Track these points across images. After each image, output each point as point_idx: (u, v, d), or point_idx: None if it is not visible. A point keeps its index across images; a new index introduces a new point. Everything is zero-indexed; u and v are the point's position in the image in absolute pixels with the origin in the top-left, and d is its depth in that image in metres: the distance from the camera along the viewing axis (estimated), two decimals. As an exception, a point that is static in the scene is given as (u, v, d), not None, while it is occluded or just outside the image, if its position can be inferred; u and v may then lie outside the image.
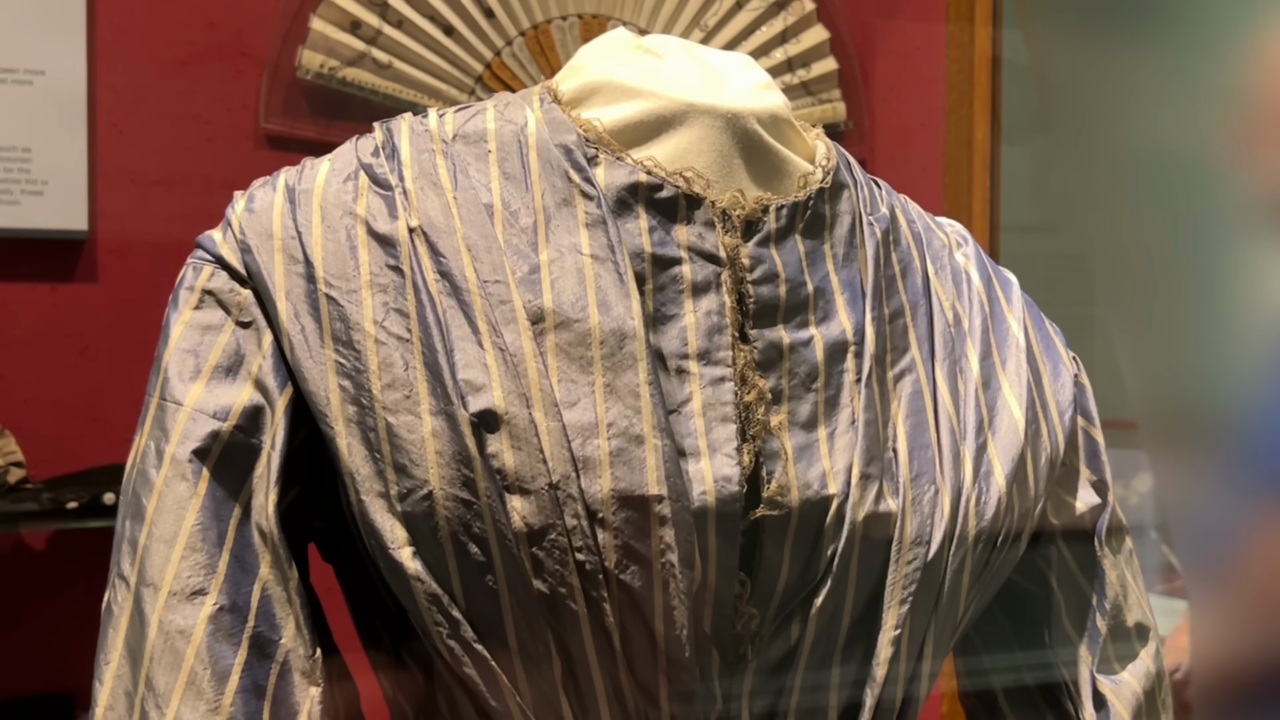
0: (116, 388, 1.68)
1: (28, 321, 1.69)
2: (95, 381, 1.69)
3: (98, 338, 1.70)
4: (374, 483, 0.69)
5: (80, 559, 1.62)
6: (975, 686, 0.94)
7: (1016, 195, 2.49)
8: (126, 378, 1.62)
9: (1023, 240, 2.53)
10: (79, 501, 1.44)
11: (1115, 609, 0.89)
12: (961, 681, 0.95)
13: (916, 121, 2.45)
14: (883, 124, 2.43)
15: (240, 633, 0.70)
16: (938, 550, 0.74)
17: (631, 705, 0.71)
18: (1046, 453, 0.81)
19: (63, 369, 1.67)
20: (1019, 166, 2.49)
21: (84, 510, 1.43)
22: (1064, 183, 0.84)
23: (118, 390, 1.68)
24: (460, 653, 0.69)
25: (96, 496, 1.44)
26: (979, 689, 0.93)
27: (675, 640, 0.69)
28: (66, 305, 1.70)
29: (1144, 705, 0.88)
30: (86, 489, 1.46)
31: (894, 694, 0.75)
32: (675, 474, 0.69)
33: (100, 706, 0.71)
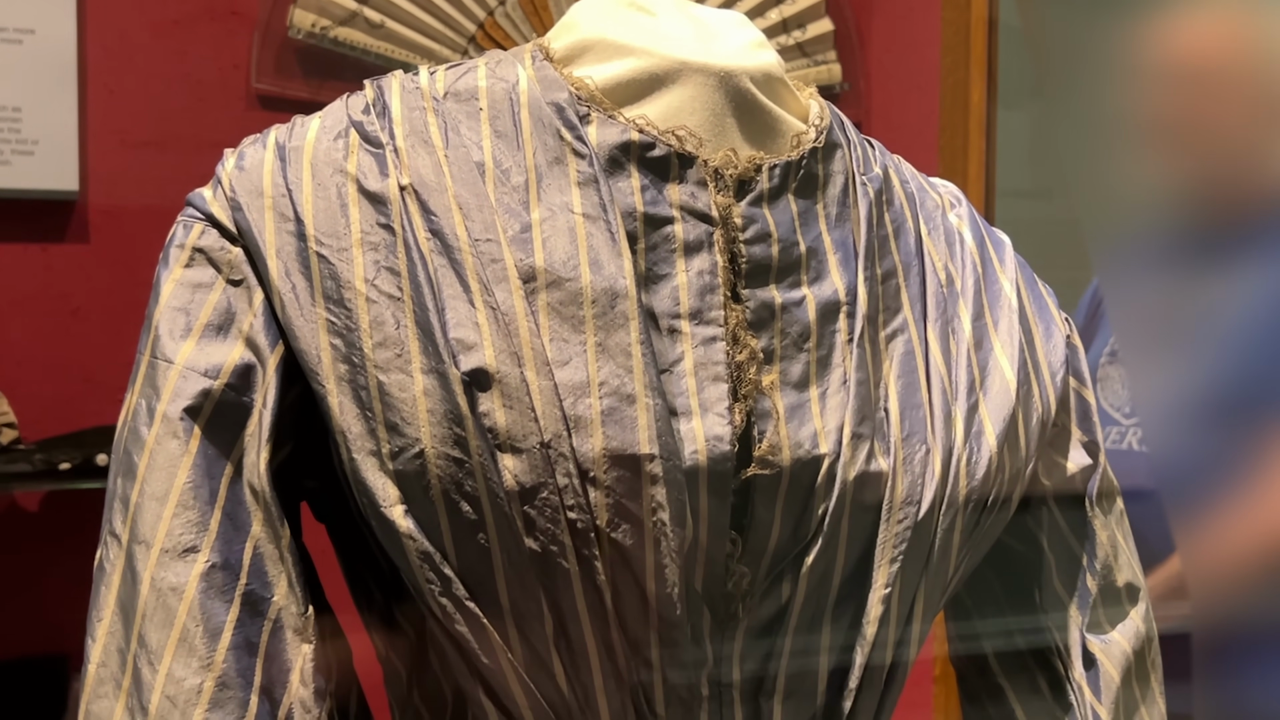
0: (109, 349, 1.68)
1: (19, 282, 1.69)
2: (87, 342, 1.68)
3: (89, 298, 1.69)
4: (365, 441, 0.69)
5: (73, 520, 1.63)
6: (966, 648, 0.94)
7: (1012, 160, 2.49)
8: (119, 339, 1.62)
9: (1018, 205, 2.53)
10: (71, 463, 1.43)
11: (1106, 569, 0.89)
12: (952, 643, 0.96)
13: (912, 84, 2.44)
14: (878, 86, 2.42)
15: (232, 590, 0.70)
16: (928, 510, 0.74)
17: (623, 663, 0.71)
18: (1038, 413, 0.81)
19: (54, 330, 1.67)
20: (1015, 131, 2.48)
21: (77, 471, 1.43)
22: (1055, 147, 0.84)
23: (110, 351, 1.67)
24: (452, 611, 0.69)
25: (89, 458, 1.44)
26: (970, 650, 0.94)
27: (666, 598, 0.69)
28: (58, 266, 1.69)
29: (1134, 665, 0.88)
30: (79, 450, 1.45)
31: (884, 653, 0.75)
32: (667, 433, 0.69)
33: (93, 663, 0.71)
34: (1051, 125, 0.69)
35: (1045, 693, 0.89)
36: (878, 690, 0.75)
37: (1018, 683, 0.90)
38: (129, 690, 0.70)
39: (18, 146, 1.69)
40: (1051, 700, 0.88)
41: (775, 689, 0.75)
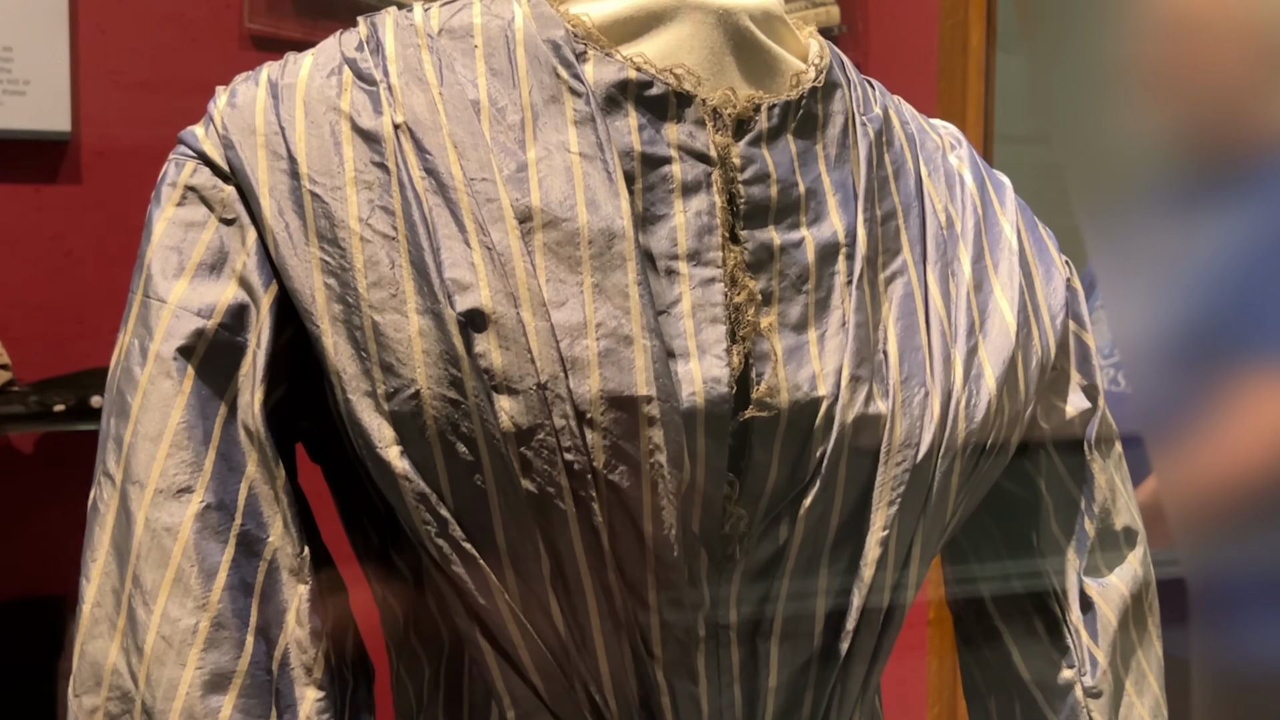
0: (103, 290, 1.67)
1: (11, 223, 1.68)
2: (81, 284, 1.67)
3: (83, 240, 1.68)
4: (361, 382, 0.68)
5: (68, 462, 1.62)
6: (963, 591, 0.94)
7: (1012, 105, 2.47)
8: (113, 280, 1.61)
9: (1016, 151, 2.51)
10: (66, 404, 1.43)
11: (1104, 513, 0.89)
12: (949, 586, 0.96)
13: (910, 27, 2.42)
14: (876, 29, 2.40)
15: (227, 531, 0.70)
16: (927, 452, 0.74)
17: (620, 604, 0.71)
18: (1037, 356, 0.81)
19: (48, 271, 1.66)
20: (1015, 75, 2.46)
21: (71, 413, 1.43)
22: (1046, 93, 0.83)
23: (104, 293, 1.66)
24: (449, 552, 0.69)
25: (84, 399, 1.43)
26: (967, 594, 0.94)
27: (663, 540, 0.69)
28: (50, 207, 1.68)
29: (1131, 608, 0.88)
30: (74, 392, 1.45)
31: (881, 595, 0.75)
32: (664, 375, 0.68)
33: (88, 604, 0.71)
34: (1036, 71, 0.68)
35: (1042, 636, 0.89)
36: (875, 632, 0.75)
37: (1014, 626, 0.90)
38: (124, 630, 0.70)
39: (9, 86, 1.68)
40: (1048, 643, 0.89)
41: (772, 630, 0.75)
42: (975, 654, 0.94)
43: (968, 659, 0.95)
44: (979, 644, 0.93)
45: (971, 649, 0.94)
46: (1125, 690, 0.88)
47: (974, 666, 0.95)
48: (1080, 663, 0.87)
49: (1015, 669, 0.90)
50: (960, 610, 0.95)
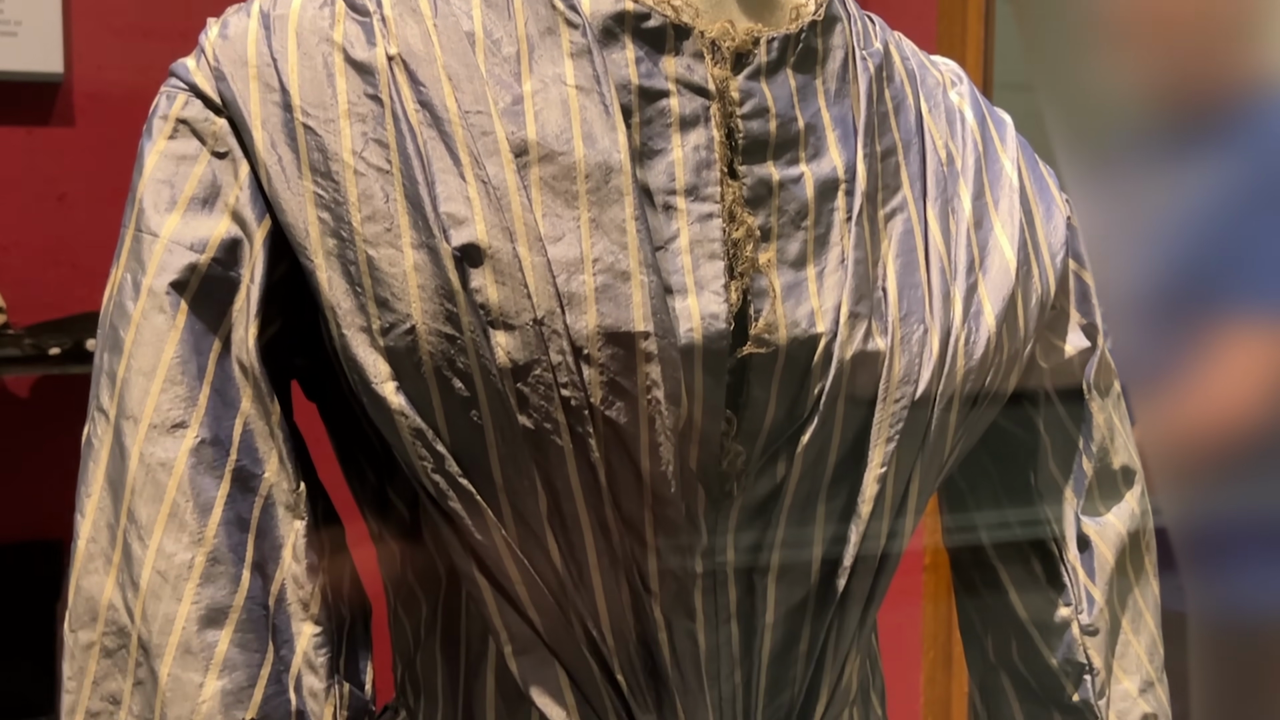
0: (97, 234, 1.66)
1: (3, 166, 1.66)
2: (75, 227, 1.66)
3: (76, 183, 1.67)
4: (355, 317, 0.68)
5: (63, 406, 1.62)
6: (960, 531, 0.94)
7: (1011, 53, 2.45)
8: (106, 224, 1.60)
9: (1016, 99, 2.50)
10: (61, 347, 1.42)
11: (1102, 452, 0.89)
12: (946, 526, 0.96)
13: (911, -29, 2.40)
14: (877, -28, 2.37)
15: (222, 466, 0.69)
16: (925, 390, 0.74)
17: (617, 540, 0.71)
18: (1037, 294, 0.81)
19: (41, 215, 1.65)
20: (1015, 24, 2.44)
21: (66, 356, 1.42)
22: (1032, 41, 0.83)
23: (98, 236, 1.65)
24: (445, 488, 0.69)
25: (79, 342, 1.43)
26: (964, 534, 0.94)
27: (661, 476, 0.69)
28: (43, 150, 1.67)
29: (1128, 547, 0.88)
30: (69, 335, 1.44)
31: (878, 532, 0.75)
32: (662, 310, 0.68)
33: (82, 539, 0.71)
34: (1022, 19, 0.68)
35: (1039, 575, 0.89)
36: (871, 569, 0.75)
37: (1011, 565, 0.90)
38: (119, 565, 0.69)
39: (1, 27, 1.66)
40: (1045, 582, 0.89)
41: (769, 568, 0.75)
42: (972, 594, 0.94)
43: (964, 599, 0.95)
44: (975, 583, 0.93)
45: (968, 588, 0.94)
46: (1122, 628, 0.88)
47: (970, 606, 0.95)
48: (1077, 601, 0.87)
49: (1012, 608, 0.90)
50: (957, 550, 0.95)
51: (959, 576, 0.95)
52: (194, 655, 0.68)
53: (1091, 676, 0.86)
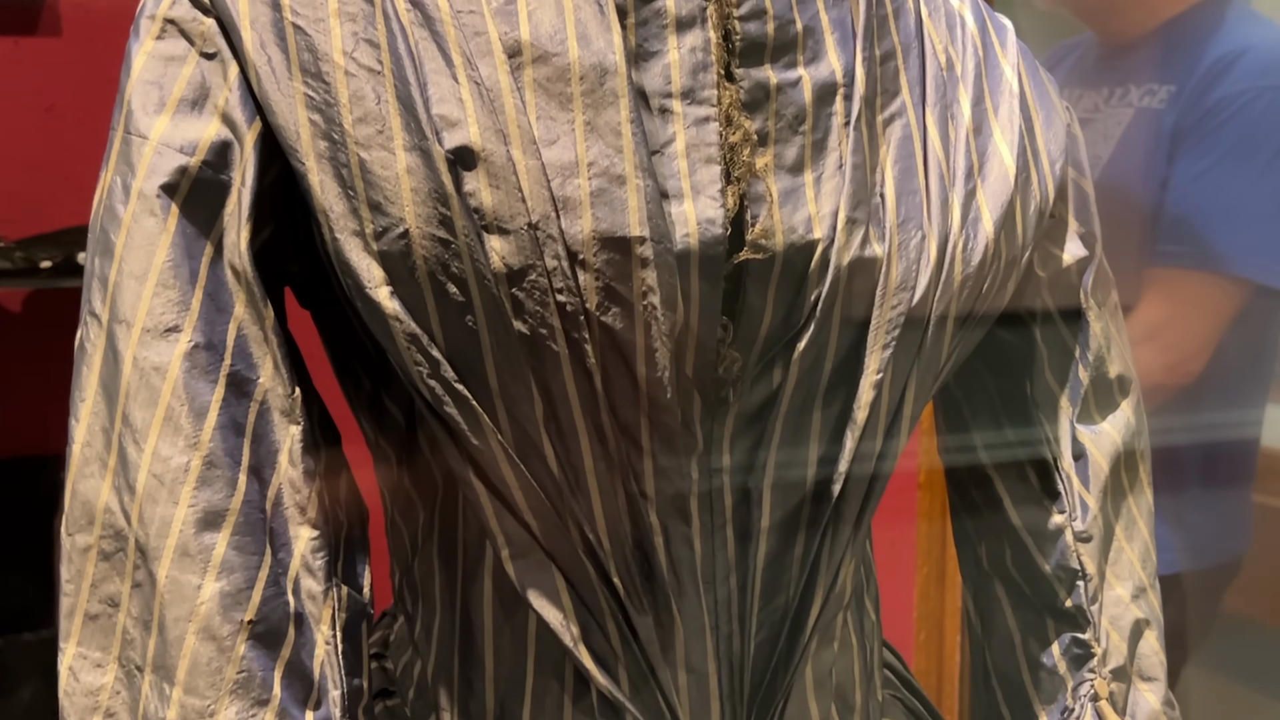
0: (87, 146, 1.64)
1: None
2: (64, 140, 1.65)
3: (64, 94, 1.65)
4: (348, 221, 0.67)
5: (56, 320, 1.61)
6: (956, 439, 0.94)
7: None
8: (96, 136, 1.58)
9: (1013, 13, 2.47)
10: (52, 260, 1.42)
11: (1098, 360, 0.89)
12: (941, 435, 0.96)
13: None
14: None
15: (217, 370, 0.69)
16: (922, 296, 0.73)
17: (614, 446, 0.71)
18: (1036, 201, 0.80)
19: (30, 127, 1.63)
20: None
21: (58, 270, 1.41)
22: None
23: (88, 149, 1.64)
24: (441, 393, 0.68)
25: (70, 256, 1.42)
26: (959, 442, 0.94)
27: (657, 382, 0.69)
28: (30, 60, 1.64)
29: (1122, 455, 0.89)
30: (60, 249, 1.44)
31: (874, 439, 0.75)
32: (658, 215, 0.67)
33: (77, 443, 0.71)
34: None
35: (1033, 483, 0.89)
36: (867, 475, 0.75)
37: (1006, 473, 0.91)
38: (115, 469, 0.69)
39: (-16, -63, 1.63)
40: (1039, 490, 0.89)
41: (765, 474, 0.75)
42: (966, 502, 0.94)
43: (959, 506, 0.95)
44: (970, 492, 0.93)
45: (963, 497, 0.94)
46: (1115, 535, 0.89)
47: (965, 514, 0.95)
48: (1071, 508, 0.87)
49: (1006, 516, 0.90)
50: (952, 460, 0.95)
51: (954, 486, 0.95)
52: (191, 558, 0.68)
53: (1084, 582, 0.87)
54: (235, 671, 0.68)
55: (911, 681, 0.95)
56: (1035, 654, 0.89)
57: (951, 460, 0.95)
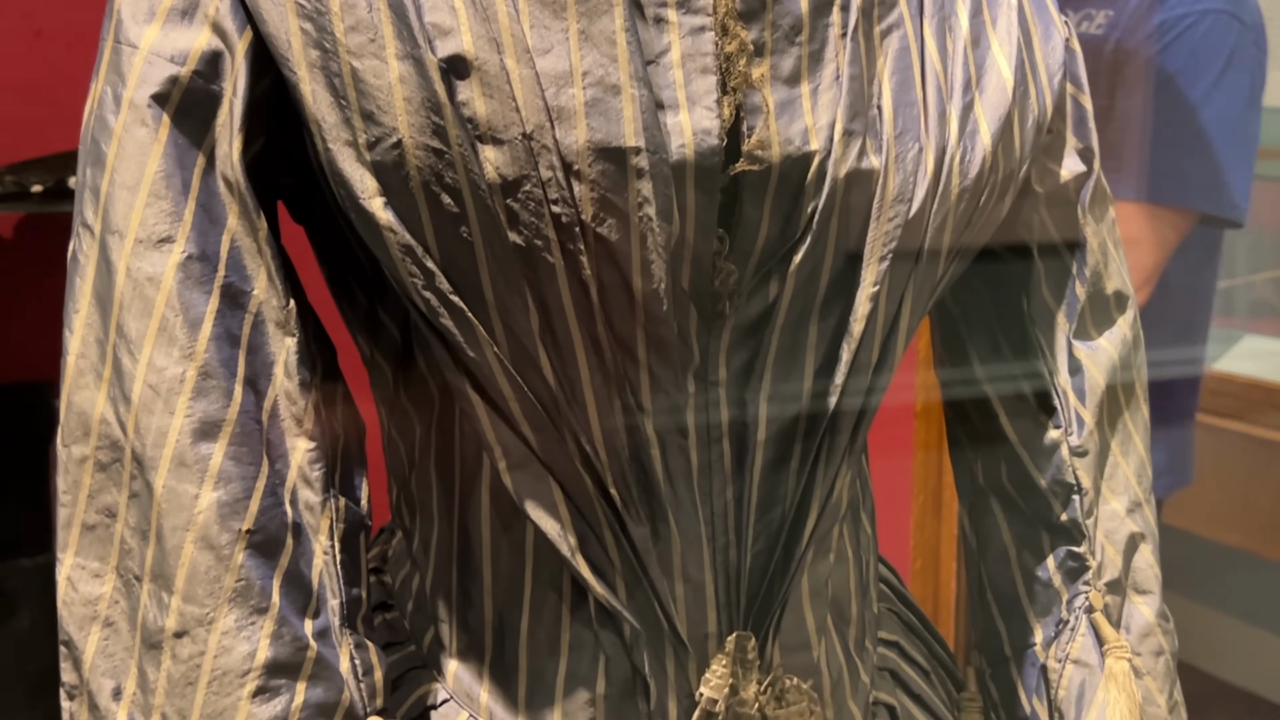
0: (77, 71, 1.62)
1: (-22, 3, 1.62)
2: (54, 64, 1.63)
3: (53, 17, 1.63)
4: (341, 131, 0.66)
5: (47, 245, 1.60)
6: (951, 356, 0.94)
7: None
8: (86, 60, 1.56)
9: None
10: (44, 185, 1.41)
11: (1095, 276, 0.89)
12: (937, 352, 0.96)
13: None
14: None
15: (211, 281, 0.69)
16: (919, 208, 0.73)
17: (609, 358, 0.70)
18: (1034, 115, 0.79)
19: (18, 52, 1.61)
20: None
21: (49, 194, 1.40)
22: None
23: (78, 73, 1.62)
24: (436, 305, 0.68)
25: (61, 180, 1.41)
26: (955, 359, 0.94)
27: (653, 294, 0.69)
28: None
29: (1118, 371, 0.89)
30: (51, 173, 1.42)
31: (870, 351, 0.75)
32: (653, 126, 0.67)
33: (72, 355, 0.70)
34: None
35: (1029, 399, 0.89)
36: (863, 387, 0.75)
37: (1002, 389, 0.91)
38: (110, 380, 0.69)
39: None
40: (1035, 406, 0.89)
41: (761, 387, 0.75)
42: (963, 419, 0.94)
43: (955, 424, 0.96)
44: (966, 408, 0.93)
45: (959, 414, 0.95)
46: (1111, 450, 0.89)
47: (961, 431, 0.95)
48: (1067, 423, 0.87)
49: (1002, 431, 0.91)
50: (947, 375, 0.95)
51: (950, 404, 0.95)
52: (188, 467, 0.68)
53: (1080, 496, 0.87)
54: (234, 580, 0.68)
55: (907, 596, 0.96)
56: (1030, 568, 0.89)
57: (948, 378, 0.95)
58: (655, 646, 0.75)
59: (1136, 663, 0.86)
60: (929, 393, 2.01)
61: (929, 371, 1.88)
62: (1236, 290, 3.22)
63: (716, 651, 0.76)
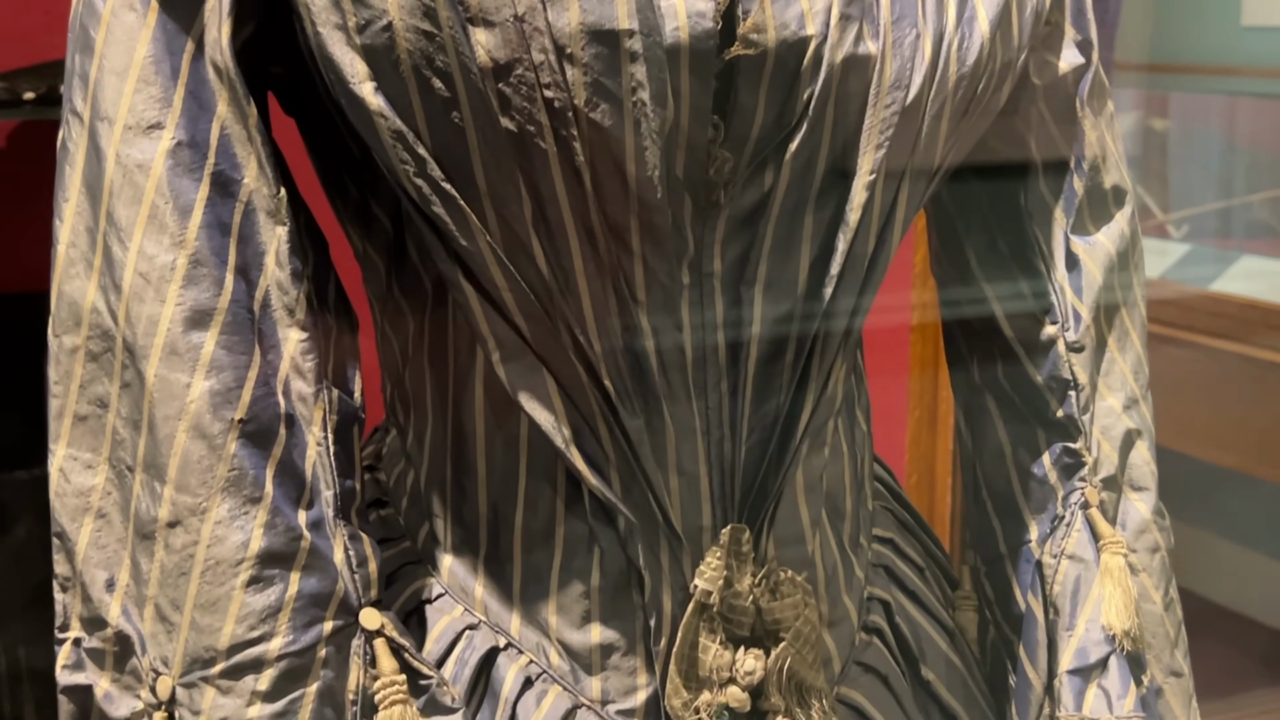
0: (66, -22, 1.61)
1: (-35, -91, 1.60)
2: (43, -29, 1.61)
3: (41, -77, 1.61)
4: (330, 14, 0.65)
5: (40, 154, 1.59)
6: (948, 253, 0.93)
7: None
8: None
9: None
10: (36, 92, 1.40)
11: (1093, 170, 0.88)
12: (933, 250, 0.95)
13: None
14: None
15: (201, 169, 0.68)
16: (917, 95, 0.72)
17: (603, 247, 0.70)
18: (1032, 3, 0.78)
19: (8, -41, 1.60)
20: None
21: (41, 101, 1.40)
22: None
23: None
24: (428, 192, 0.67)
25: (54, 88, 1.40)
26: (951, 255, 0.93)
27: (647, 182, 0.68)
28: (5, -112, 1.60)
29: (1116, 266, 0.88)
30: (43, 80, 1.41)
31: (866, 241, 0.74)
32: (647, 8, 0.65)
33: (62, 244, 0.70)
34: None
35: (1027, 295, 0.89)
36: (859, 279, 0.75)
37: (999, 286, 0.90)
38: (100, 269, 0.69)
39: None
40: (1032, 301, 0.88)
41: (756, 277, 0.74)
42: (958, 317, 0.94)
43: (951, 324, 0.95)
44: (963, 305, 0.93)
45: (955, 311, 0.94)
46: (1108, 346, 0.88)
47: (957, 330, 0.95)
48: (1064, 319, 0.87)
49: (998, 328, 0.90)
50: (944, 273, 0.94)
51: (946, 301, 0.95)
52: (180, 356, 0.67)
53: (1076, 392, 0.87)
54: (226, 469, 0.68)
55: (902, 495, 0.96)
56: (1026, 464, 0.89)
57: (944, 275, 0.94)
58: (650, 540, 0.75)
59: (1132, 559, 0.86)
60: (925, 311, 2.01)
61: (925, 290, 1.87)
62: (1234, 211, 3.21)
63: (711, 544, 0.76)
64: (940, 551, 0.97)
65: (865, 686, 0.82)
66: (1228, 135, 3.19)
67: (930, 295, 0.94)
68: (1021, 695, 0.86)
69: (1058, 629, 0.85)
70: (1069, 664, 0.83)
